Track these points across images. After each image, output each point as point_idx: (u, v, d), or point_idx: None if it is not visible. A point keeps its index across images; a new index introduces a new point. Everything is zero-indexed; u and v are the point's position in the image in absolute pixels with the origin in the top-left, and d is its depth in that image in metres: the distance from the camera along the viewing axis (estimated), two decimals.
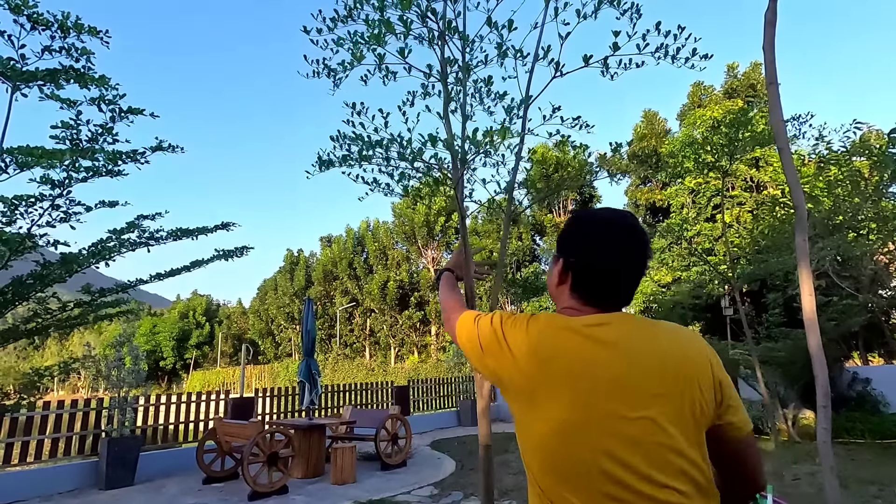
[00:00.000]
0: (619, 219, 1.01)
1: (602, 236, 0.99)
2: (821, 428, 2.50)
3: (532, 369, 0.94)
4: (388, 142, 2.25)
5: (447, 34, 2.45)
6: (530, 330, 0.98)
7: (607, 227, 1.00)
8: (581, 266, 1.00)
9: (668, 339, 0.96)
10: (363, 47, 2.42)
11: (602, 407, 0.89)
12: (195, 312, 50.21)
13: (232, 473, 6.16)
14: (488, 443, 1.86)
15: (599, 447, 0.88)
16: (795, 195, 2.62)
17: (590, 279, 0.99)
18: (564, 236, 1.05)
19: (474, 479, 5.90)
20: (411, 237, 34.83)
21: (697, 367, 0.93)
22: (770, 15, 2.76)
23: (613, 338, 0.93)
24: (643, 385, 0.90)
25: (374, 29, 2.34)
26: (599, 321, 0.96)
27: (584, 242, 1.01)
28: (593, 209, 1.09)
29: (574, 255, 1.01)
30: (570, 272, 1.01)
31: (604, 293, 0.99)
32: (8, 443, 5.89)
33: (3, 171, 3.82)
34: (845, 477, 5.29)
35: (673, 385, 0.91)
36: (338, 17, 2.53)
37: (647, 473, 0.86)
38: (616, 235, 0.98)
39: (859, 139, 7.21)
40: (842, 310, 8.68)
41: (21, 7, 3.40)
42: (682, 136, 18.52)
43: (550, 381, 0.93)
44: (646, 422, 0.88)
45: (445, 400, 11.99)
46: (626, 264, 0.98)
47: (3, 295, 4.01)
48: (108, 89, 3.71)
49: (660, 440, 0.88)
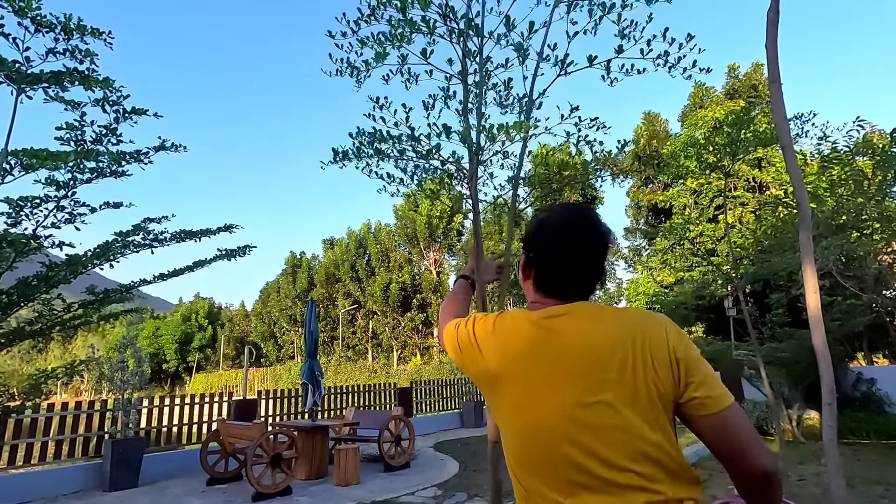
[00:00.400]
0: (575, 216, 1.06)
1: (558, 233, 1.04)
2: (826, 426, 2.49)
3: (495, 363, 1.00)
4: (406, 137, 2.27)
5: (468, 32, 2.46)
6: (496, 326, 1.04)
7: (563, 224, 1.04)
8: (539, 261, 1.05)
9: (616, 322, 0.96)
10: (388, 45, 2.43)
11: (558, 395, 0.92)
12: (198, 315, 50.31)
13: (235, 475, 6.16)
14: (496, 439, 1.86)
15: (561, 435, 0.90)
16: (799, 192, 2.61)
17: (547, 273, 1.04)
18: (527, 234, 1.11)
19: (478, 481, 5.89)
20: (413, 239, 34.86)
21: (649, 347, 0.92)
22: (772, 14, 2.76)
23: (563, 327, 0.97)
24: (594, 370, 0.92)
25: (398, 29, 2.36)
26: (558, 312, 0.99)
27: (542, 239, 1.06)
28: (554, 206, 1.13)
29: (533, 251, 1.07)
30: (532, 268, 1.07)
31: (561, 286, 1.03)
32: (13, 444, 5.91)
33: (9, 174, 3.84)
34: (851, 477, 5.26)
35: (621, 368, 0.91)
36: (361, 17, 2.55)
37: (606, 457, 0.88)
38: (571, 231, 1.03)
39: (862, 139, 7.19)
40: (846, 310, 8.64)
41: (25, 9, 3.43)
42: (684, 137, 18.52)
43: (509, 373, 0.98)
44: (601, 406, 0.89)
45: (448, 402, 11.97)
46: (579, 258, 1.02)
47: (9, 296, 4.02)
48: (112, 91, 3.73)
49: (616, 423, 0.89)
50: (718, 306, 14.60)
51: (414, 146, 2.35)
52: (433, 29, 2.36)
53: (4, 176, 3.77)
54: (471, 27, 2.40)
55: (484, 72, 2.49)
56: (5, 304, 3.97)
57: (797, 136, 7.06)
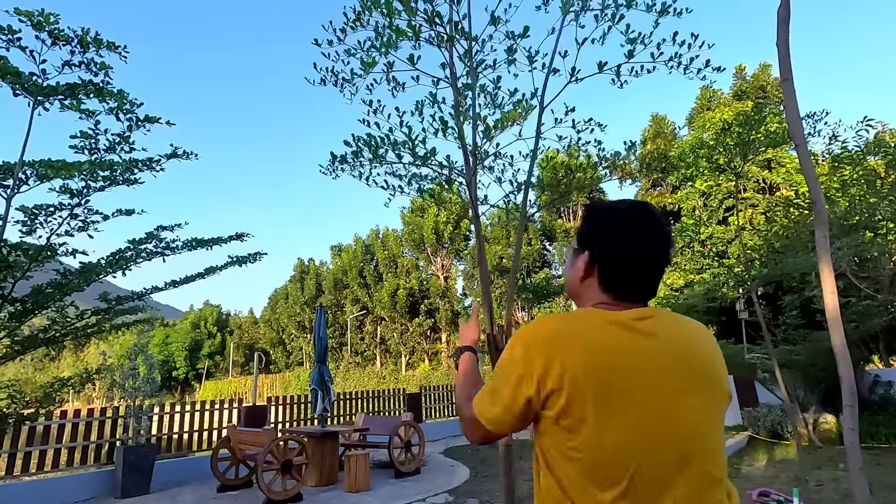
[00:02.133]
0: (641, 208, 0.99)
1: (626, 226, 0.97)
2: (847, 428, 2.44)
3: (583, 378, 0.85)
4: (401, 143, 2.27)
5: (455, 36, 2.47)
6: (555, 342, 0.89)
7: (630, 217, 0.98)
8: (609, 259, 0.96)
9: (699, 328, 0.98)
10: (375, 53, 2.44)
11: (656, 400, 0.86)
12: (207, 322, 50.64)
13: (246, 481, 6.16)
14: (508, 443, 1.84)
15: (683, 450, 0.85)
16: (813, 190, 2.58)
17: (620, 272, 0.96)
18: (587, 229, 1.01)
19: (489, 487, 5.83)
20: (420, 245, 34.88)
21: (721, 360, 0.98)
22: (783, 12, 2.74)
23: (660, 330, 0.91)
24: (703, 377, 0.91)
25: (384, 37, 2.37)
26: (645, 314, 0.93)
27: (609, 234, 0.98)
28: (611, 201, 1.06)
29: (600, 247, 0.97)
30: (595, 265, 0.98)
31: (635, 286, 0.96)
32: (26, 452, 5.95)
33: (24, 183, 3.90)
34: (872, 482, 5.13)
35: (721, 376, 0.94)
36: (347, 22, 2.56)
37: (715, 475, 0.87)
38: (639, 225, 0.96)
39: (874, 138, 7.11)
40: (861, 311, 8.49)
41: (43, 24, 3.50)
42: (692, 139, 18.42)
43: (609, 384, 0.85)
44: (715, 419, 0.90)
45: None
46: (652, 254, 0.96)
47: (24, 304, 4.07)
48: (126, 102, 3.78)
49: (719, 439, 0.90)
50: (730, 309, 14.43)
51: (410, 150, 2.35)
52: (419, 33, 2.37)
53: (20, 185, 3.83)
54: (457, 30, 2.41)
55: (475, 74, 2.49)
56: (20, 311, 4.02)
57: (809, 135, 6.99)
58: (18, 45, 3.54)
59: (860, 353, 9.83)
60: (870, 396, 9.03)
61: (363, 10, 2.50)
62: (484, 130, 2.19)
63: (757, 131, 6.39)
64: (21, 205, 3.85)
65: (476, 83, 2.51)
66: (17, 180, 3.74)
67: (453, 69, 2.50)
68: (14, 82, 3.57)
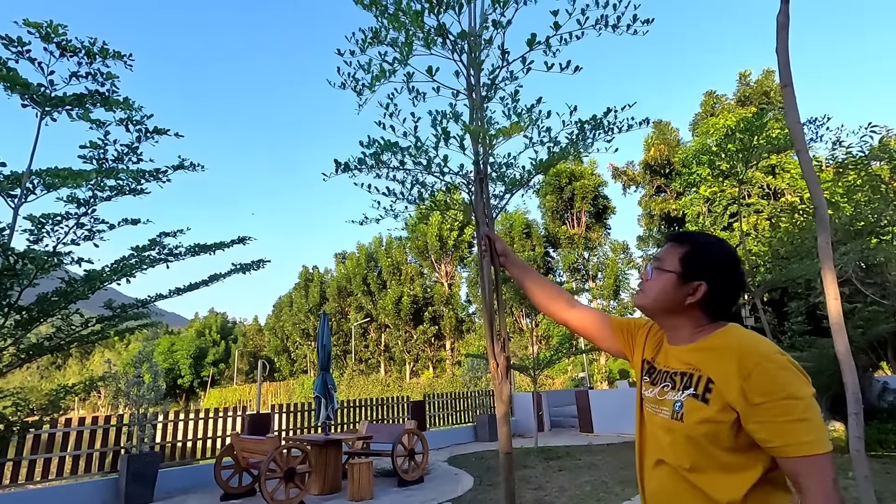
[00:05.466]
0: (733, 249, 1.25)
1: (732, 263, 1.21)
2: (853, 437, 2.41)
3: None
4: (409, 148, 2.28)
5: (463, 44, 2.48)
6: None
7: (733, 255, 1.22)
8: (720, 290, 1.19)
9: None
10: (388, 67, 2.47)
11: None
12: (211, 330, 50.77)
13: (249, 490, 6.14)
14: (509, 450, 1.83)
15: None
16: (815, 196, 2.58)
17: (726, 302, 1.20)
18: (700, 260, 1.21)
19: (493, 496, 5.79)
20: (424, 252, 34.90)
21: None
22: (782, 17, 2.76)
23: None
24: None
25: (401, 51, 2.40)
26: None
27: (722, 269, 1.20)
28: (708, 235, 1.27)
29: (710, 281, 1.19)
30: (703, 293, 1.19)
31: (729, 311, 1.22)
32: (30, 459, 5.97)
33: (31, 192, 3.95)
34: (880, 491, 5.06)
35: None
36: (366, 39, 2.60)
37: None
38: (738, 263, 1.23)
39: (878, 143, 7.08)
40: (868, 317, 8.41)
41: (52, 35, 3.56)
42: (696, 146, 18.41)
43: None
44: None
45: (462, 415, 11.84)
46: (742, 289, 1.24)
47: (29, 312, 4.11)
48: (134, 111, 3.84)
49: None
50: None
51: (416, 157, 2.35)
52: (431, 44, 2.38)
53: (27, 195, 3.88)
54: (464, 37, 2.42)
55: (489, 80, 2.50)
56: (26, 320, 4.06)
57: (811, 140, 6.98)
58: (28, 57, 3.61)
59: (868, 360, 9.71)
60: (878, 404, 8.90)
61: (380, 29, 2.53)
62: (489, 141, 2.19)
63: (759, 137, 6.38)
64: (29, 214, 3.89)
65: (491, 92, 2.53)
66: (24, 190, 3.79)
67: (469, 80, 2.52)
68: (23, 93, 3.63)
